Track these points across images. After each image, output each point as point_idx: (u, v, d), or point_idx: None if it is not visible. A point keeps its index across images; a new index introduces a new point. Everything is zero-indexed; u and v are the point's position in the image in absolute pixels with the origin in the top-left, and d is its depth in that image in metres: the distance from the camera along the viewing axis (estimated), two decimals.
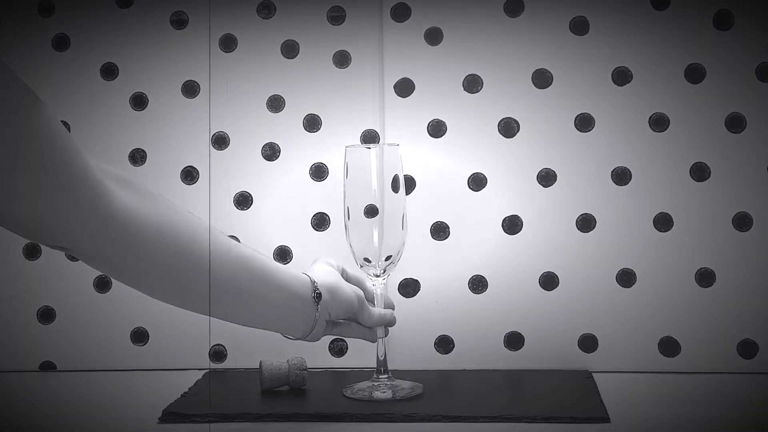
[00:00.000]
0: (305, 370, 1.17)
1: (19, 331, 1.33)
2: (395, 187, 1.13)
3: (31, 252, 1.33)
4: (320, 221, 1.31)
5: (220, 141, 1.32)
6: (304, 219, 1.31)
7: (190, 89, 1.32)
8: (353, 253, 1.14)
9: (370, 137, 1.31)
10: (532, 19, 1.28)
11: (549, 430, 1.02)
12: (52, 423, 1.08)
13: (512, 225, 1.29)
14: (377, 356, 1.15)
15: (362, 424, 1.04)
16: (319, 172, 1.31)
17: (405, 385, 1.15)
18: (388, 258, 1.13)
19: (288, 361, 1.18)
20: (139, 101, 1.32)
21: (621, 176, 1.27)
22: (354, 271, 1.17)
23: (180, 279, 0.97)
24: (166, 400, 1.12)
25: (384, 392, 1.13)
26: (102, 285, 1.32)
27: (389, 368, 1.16)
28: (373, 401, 1.11)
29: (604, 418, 1.04)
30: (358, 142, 1.31)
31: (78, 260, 0.95)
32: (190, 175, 1.32)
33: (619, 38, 1.27)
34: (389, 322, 1.16)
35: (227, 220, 1.31)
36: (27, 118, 0.82)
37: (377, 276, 1.14)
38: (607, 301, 1.27)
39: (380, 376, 1.15)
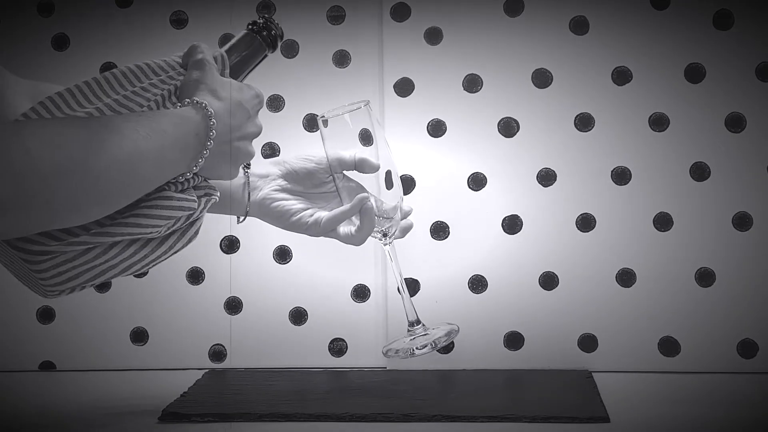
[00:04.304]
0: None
1: (19, 331, 1.33)
2: (368, 142, 1.11)
3: None
4: None
5: None
6: None
7: None
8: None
9: (369, 137, 1.31)
10: (532, 19, 1.28)
11: (549, 430, 1.02)
12: (52, 423, 1.08)
13: (512, 225, 1.29)
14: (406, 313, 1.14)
15: (362, 423, 1.04)
16: None
17: (440, 333, 1.13)
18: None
19: None
20: None
21: (621, 176, 1.27)
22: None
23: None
24: (166, 400, 1.12)
25: (423, 348, 1.11)
26: (102, 285, 1.32)
27: (389, 367, 1.16)
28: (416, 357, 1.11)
29: (604, 418, 1.04)
30: (358, 141, 1.31)
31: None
32: None
33: (619, 38, 1.27)
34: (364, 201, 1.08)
35: (226, 220, 1.31)
36: None
37: (382, 237, 1.12)
38: (607, 301, 1.27)
39: (414, 329, 1.13)
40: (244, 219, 1.13)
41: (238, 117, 0.98)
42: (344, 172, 1.11)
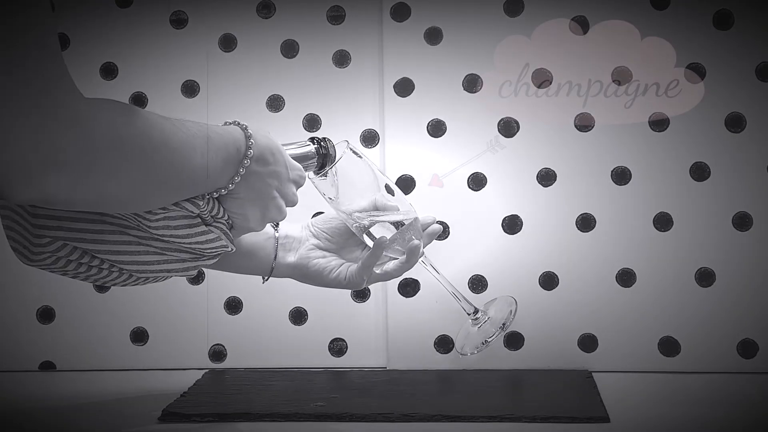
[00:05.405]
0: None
1: (19, 331, 1.33)
2: (371, 184, 1.12)
3: None
4: None
5: None
6: (304, 218, 1.31)
7: (190, 89, 1.32)
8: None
9: (369, 137, 1.31)
10: (531, 19, 1.28)
11: (549, 430, 1.02)
12: (52, 423, 1.08)
13: (512, 225, 1.29)
14: (458, 300, 1.17)
15: (362, 423, 1.04)
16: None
17: (501, 315, 1.16)
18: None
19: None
20: (138, 101, 1.32)
21: (621, 176, 1.27)
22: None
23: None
24: (166, 400, 1.12)
25: (492, 336, 1.14)
26: (102, 285, 1.32)
27: (389, 367, 1.15)
28: (488, 344, 1.14)
29: (604, 418, 1.04)
30: (358, 141, 1.31)
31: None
32: None
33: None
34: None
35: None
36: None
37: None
38: (607, 301, 1.27)
39: (476, 317, 1.16)
40: (267, 279, 1.16)
41: (279, 164, 1.01)
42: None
